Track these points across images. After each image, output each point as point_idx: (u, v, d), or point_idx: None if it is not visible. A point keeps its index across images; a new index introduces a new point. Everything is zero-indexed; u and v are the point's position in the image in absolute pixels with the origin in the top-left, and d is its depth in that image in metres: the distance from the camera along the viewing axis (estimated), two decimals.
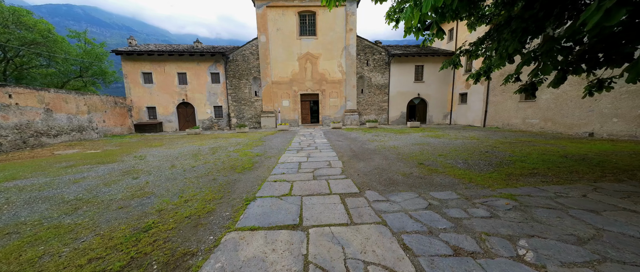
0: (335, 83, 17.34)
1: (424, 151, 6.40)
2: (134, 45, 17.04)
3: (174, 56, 16.10)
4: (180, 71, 16.43)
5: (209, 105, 17.05)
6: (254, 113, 17.50)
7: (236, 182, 4.03)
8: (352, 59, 16.90)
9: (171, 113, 16.73)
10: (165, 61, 16.14)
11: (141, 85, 16.18)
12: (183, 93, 16.64)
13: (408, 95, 17.76)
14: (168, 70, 16.29)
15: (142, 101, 16.31)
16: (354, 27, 16.65)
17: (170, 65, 16.24)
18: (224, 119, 17.41)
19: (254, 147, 8.05)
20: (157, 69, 16.20)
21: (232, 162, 5.71)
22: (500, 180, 3.73)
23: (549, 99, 10.06)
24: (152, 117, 16.69)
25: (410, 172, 4.34)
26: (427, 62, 17.39)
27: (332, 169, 4.81)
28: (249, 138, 10.83)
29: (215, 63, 16.62)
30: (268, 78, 16.84)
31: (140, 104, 16.31)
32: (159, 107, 16.55)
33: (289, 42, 16.72)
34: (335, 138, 10.00)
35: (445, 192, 3.28)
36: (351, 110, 17.43)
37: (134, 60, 15.88)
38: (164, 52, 15.73)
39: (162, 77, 16.29)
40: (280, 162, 5.59)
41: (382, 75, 17.53)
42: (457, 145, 7.30)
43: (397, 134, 11.01)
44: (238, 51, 16.82)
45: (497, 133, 10.38)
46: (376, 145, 7.76)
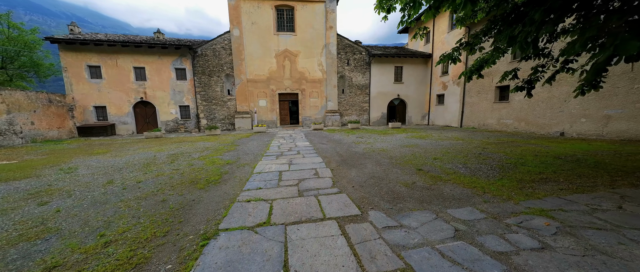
0: (316, 82, 16.58)
1: (416, 154, 5.90)
2: (78, 33, 14.39)
3: (129, 48, 13.90)
4: (138, 65, 14.25)
5: (173, 104, 15.07)
6: (227, 114, 15.94)
7: (194, 205, 2.99)
8: (333, 58, 16.31)
9: (126, 113, 14.41)
10: (118, 53, 13.85)
11: (86, 81, 13.66)
12: (141, 90, 14.45)
13: (388, 96, 17.72)
14: (122, 64, 14.01)
15: (88, 99, 13.77)
16: (334, 25, 16.09)
17: (124, 59, 13.98)
18: (191, 120, 15.55)
19: (225, 153, 6.88)
20: (108, 62, 13.83)
21: (195, 173, 4.57)
22: (515, 188, 3.25)
23: (522, 100, 10.49)
24: (102, 118, 14.20)
25: (412, 182, 3.70)
26: (406, 64, 17.53)
27: (320, 179, 3.98)
28: (220, 142, 9.51)
29: (181, 58, 14.75)
30: (242, 75, 15.46)
31: (86, 102, 13.76)
32: (110, 106, 14.14)
33: (266, 38, 15.54)
34: (318, 140, 9.20)
35: (464, 209, 2.65)
36: (332, 110, 16.82)
37: (77, 51, 13.33)
38: (116, 43, 13.47)
39: (114, 71, 13.95)
40: (256, 171, 4.60)
41: (362, 76, 17.23)
42: (446, 146, 6.99)
43: (382, 135, 10.60)
44: (207, 45, 15.16)
45: (476, 133, 10.52)
46: (364, 148, 7.13)
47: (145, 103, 14.75)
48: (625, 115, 7.18)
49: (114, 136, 13.50)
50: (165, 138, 11.75)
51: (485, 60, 5.13)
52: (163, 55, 14.46)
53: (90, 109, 13.87)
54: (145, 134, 12.04)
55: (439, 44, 16.28)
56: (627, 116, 7.13)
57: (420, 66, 17.81)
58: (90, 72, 13.78)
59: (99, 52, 13.62)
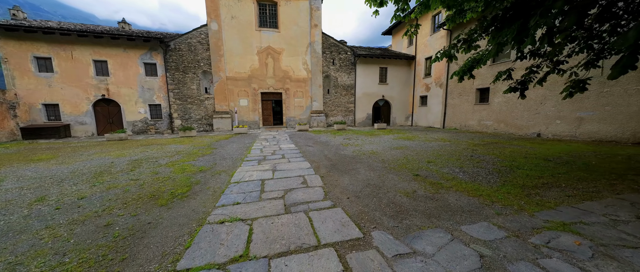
0: (301, 82, 16.01)
1: (408, 157, 5.62)
2: (22, 19, 12.40)
3: (88, 38, 12.25)
4: (98, 59, 12.62)
5: (142, 103, 13.59)
6: (204, 114, 14.76)
7: (149, 230, 2.32)
8: (318, 56, 15.86)
9: (84, 112, 12.69)
10: (74, 44, 12.14)
11: (33, 75, 11.78)
12: (103, 87, 12.82)
13: (373, 96, 17.68)
14: (79, 57, 12.30)
15: (35, 96, 11.88)
16: (319, 23, 15.66)
17: (81, 50, 12.29)
18: (163, 120, 14.16)
19: (199, 157, 6.08)
20: (61, 53, 12.06)
21: (158, 184, 3.81)
22: (522, 196, 3.00)
23: (500, 102, 10.86)
24: (54, 117, 12.35)
25: (413, 191, 3.32)
26: (390, 65, 17.62)
27: (310, 190, 3.46)
28: (195, 144, 8.58)
29: (151, 52, 13.35)
30: (221, 73, 14.41)
31: (33, 99, 11.86)
32: (64, 104, 12.35)
33: (247, 34, 14.66)
34: (303, 142, 8.66)
35: (479, 224, 2.30)
36: (318, 111, 16.35)
37: (21, 40, 11.44)
38: (71, 32, 11.77)
39: (68, 64, 12.20)
40: (234, 181, 3.96)
41: (348, 76, 16.99)
42: (435, 148, 6.83)
43: (369, 136, 10.34)
44: (182, 39, 13.90)
45: (459, 134, 10.68)
46: (353, 150, 6.73)
47: (108, 101, 13.11)
48: (596, 118, 7.59)
49: (68, 139, 11.78)
50: (131, 140, 10.43)
51: (476, 60, 4.98)
52: (129, 48, 12.97)
53: (39, 107, 11.99)
54: (106, 136, 10.59)
55: (422, 46, 16.56)
56: (598, 118, 7.54)
57: (404, 68, 18.01)
58: (38, 65, 11.91)
59: (50, 42, 11.82)
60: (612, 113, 7.25)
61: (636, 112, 6.74)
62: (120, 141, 10.21)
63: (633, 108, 6.80)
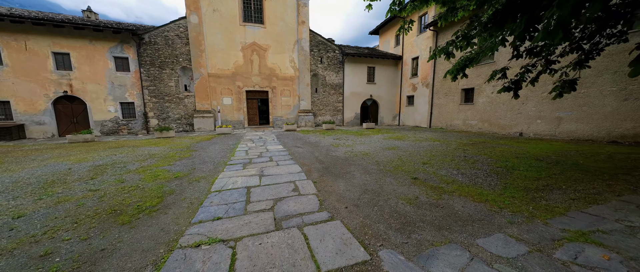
0: (288, 80, 15.49)
1: (402, 158, 5.42)
2: None
3: (46, 27, 10.87)
4: (59, 51, 11.26)
5: (112, 101, 12.37)
6: (184, 113, 13.78)
7: (101, 261, 1.82)
8: (306, 54, 15.44)
9: (42, 111, 11.27)
10: (28, 33, 10.71)
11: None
12: (65, 82, 11.47)
13: (361, 96, 17.60)
14: (34, 48, 10.88)
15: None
16: (307, 20, 15.24)
17: (38, 41, 10.88)
18: (137, 120, 13.00)
19: (176, 161, 5.45)
20: (11, 43, 10.58)
21: (122, 196, 3.23)
22: (527, 200, 2.85)
23: (485, 102, 11.15)
24: (4, 116, 10.83)
25: (415, 197, 3.07)
26: (378, 65, 17.63)
27: (302, 198, 3.08)
28: (172, 146, 7.83)
29: (122, 45, 12.16)
30: (203, 69, 13.51)
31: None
32: (16, 101, 10.86)
33: (230, 28, 13.87)
34: (292, 143, 8.23)
35: (494, 237, 2.07)
36: (306, 110, 15.94)
37: None
38: (25, 20, 10.36)
39: (21, 56, 10.74)
40: (215, 189, 3.48)
41: (336, 75, 16.74)
42: (427, 148, 6.73)
43: (358, 136, 10.13)
44: (158, 31, 12.83)
45: (446, 134, 10.81)
46: (344, 151, 6.43)
47: (71, 98, 11.76)
48: (574, 117, 7.94)
49: (22, 141, 10.37)
50: (98, 142, 9.37)
51: (469, 59, 4.87)
52: (97, 40, 11.71)
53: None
54: (69, 138, 9.42)
55: (409, 47, 16.73)
56: (576, 118, 7.90)
57: (391, 68, 18.12)
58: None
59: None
60: (588, 113, 7.60)
61: (610, 112, 7.11)
62: (85, 143, 9.13)
63: (607, 109, 7.16)
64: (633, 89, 6.64)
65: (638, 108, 6.55)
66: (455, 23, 12.16)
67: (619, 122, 6.94)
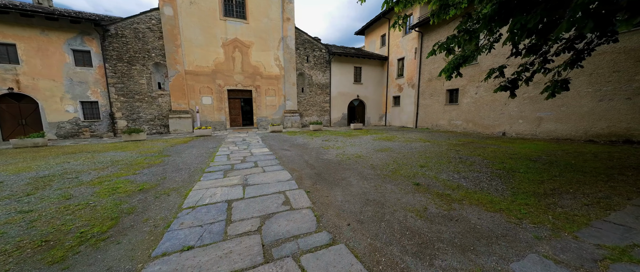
0: (273, 79, 14.82)
1: (397, 161, 5.13)
2: None
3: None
4: (2, 41, 9.66)
5: (70, 99, 10.90)
6: (158, 113, 12.58)
7: None
8: (291, 52, 14.88)
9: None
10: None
11: None
12: (10, 78, 9.87)
13: (348, 96, 17.39)
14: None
15: None
16: (292, 17, 14.69)
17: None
18: (102, 121, 11.61)
19: (143, 169, 4.69)
20: None
21: (63, 218, 2.53)
22: (542, 208, 2.63)
23: (469, 102, 11.40)
24: None
25: (423, 207, 2.72)
26: (365, 65, 17.54)
27: (296, 214, 2.60)
28: (142, 151, 6.92)
29: (82, 36, 10.77)
30: (179, 66, 12.43)
31: None
32: None
33: (210, 23, 12.93)
34: (278, 145, 7.67)
35: (528, 258, 1.76)
36: (292, 111, 15.36)
37: None
38: None
39: None
40: (188, 205, 2.88)
41: (323, 74, 16.36)
42: (419, 150, 6.54)
43: (348, 137, 9.81)
44: (126, 23, 11.56)
45: (433, 134, 10.86)
46: (336, 154, 6.03)
47: (18, 96, 10.16)
48: (553, 117, 8.26)
49: None
50: (51, 147, 8.09)
51: (464, 58, 4.71)
52: (50, 30, 10.24)
53: None
54: (13, 142, 8.02)
55: (394, 47, 16.82)
56: (555, 118, 8.22)
57: (377, 68, 18.13)
58: None
59: None
60: (566, 113, 7.93)
61: (587, 112, 7.44)
62: (34, 149, 7.83)
63: (584, 109, 7.49)
64: (607, 91, 6.99)
65: (611, 108, 6.90)
66: (443, 24, 12.35)
67: (594, 122, 7.28)
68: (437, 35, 12.91)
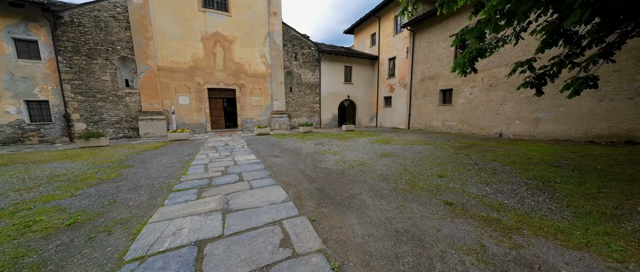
0: (258, 77, 13.72)
1: (407, 169, 4.43)
2: None
3: None
4: None
5: (11, 98, 9.08)
6: (126, 114, 11.00)
7: None
8: (279, 49, 13.88)
9: None
10: None
11: None
12: None
13: (339, 96, 16.71)
14: None
15: None
16: (279, 11, 13.72)
17: None
18: (55, 123, 9.85)
19: (88, 188, 3.54)
20: None
21: None
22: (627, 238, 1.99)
23: (464, 103, 11.15)
24: None
25: (477, 243, 1.98)
26: (355, 64, 16.97)
27: (302, 267, 1.73)
28: (98, 160, 5.62)
29: (26, 23, 9.04)
30: (150, 61, 10.96)
31: None
32: None
33: (186, 13, 11.60)
34: (267, 150, 6.70)
35: None
36: (279, 111, 14.34)
37: None
38: None
39: None
40: (135, 253, 1.90)
41: (312, 73, 15.52)
42: (425, 154, 5.92)
43: (342, 140, 9.05)
44: (85, 9, 9.93)
45: (430, 136, 10.44)
46: (335, 161, 5.22)
47: None
48: (551, 118, 8.10)
49: None
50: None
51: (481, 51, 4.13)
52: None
53: None
54: None
55: (385, 47, 16.43)
56: (553, 119, 8.05)
57: (368, 68, 17.65)
58: None
59: None
60: (565, 114, 7.77)
61: (587, 112, 7.30)
62: None
63: (584, 109, 7.35)
64: (607, 91, 6.85)
65: (613, 109, 6.77)
66: (436, 23, 12.04)
67: (595, 123, 7.14)
68: (429, 34, 12.61)
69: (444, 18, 11.57)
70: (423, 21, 12.68)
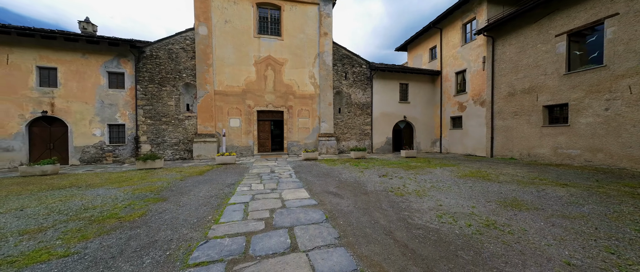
0: (306, 98, 13.05)
1: (611, 250, 2.19)
2: None
3: (34, 39, 9.42)
4: (45, 65, 9.66)
5: (99, 122, 10.32)
6: (183, 137, 11.45)
7: None
8: (328, 69, 13.15)
9: (13, 135, 9.29)
10: (13, 45, 9.27)
11: None
12: (47, 101, 9.65)
13: (393, 117, 14.66)
14: (17, 62, 9.34)
15: None
16: (330, 31, 13.25)
17: (22, 54, 9.38)
18: (127, 145, 10.75)
19: (99, 236, 2.58)
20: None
21: None
22: None
23: (593, 123, 7.74)
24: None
25: None
26: (411, 81, 14.94)
27: None
28: (139, 187, 5.09)
29: (118, 59, 10.50)
30: (208, 86, 11.45)
31: None
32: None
33: (243, 41, 12.06)
34: (320, 184, 5.22)
35: None
36: (327, 134, 13.14)
37: None
38: (9, 30, 8.97)
39: (0, 71, 9.17)
40: None
41: (363, 93, 14.14)
42: (589, 210, 3.43)
43: (411, 171, 6.94)
44: (161, 44, 11.19)
45: (541, 169, 7.32)
46: (430, 210, 3.31)
47: (51, 120, 9.83)
48: None
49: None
50: (57, 176, 6.90)
51: None
52: (90, 53, 10.12)
53: None
54: (21, 170, 7.08)
55: (450, 59, 14.05)
56: None
57: (427, 84, 15.35)
58: None
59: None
60: None
61: None
62: (40, 177, 6.68)
63: None
64: None
65: None
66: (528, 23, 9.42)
67: None
68: (519, 37, 9.93)
69: (544, 14, 8.89)
70: (508, 23, 10.16)
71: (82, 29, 11.01)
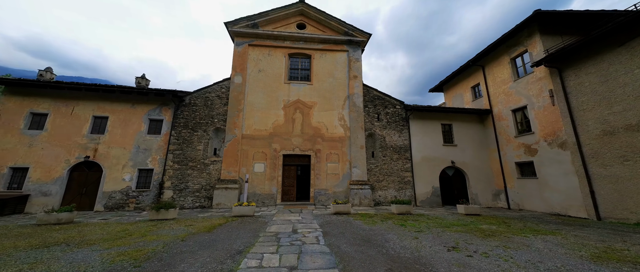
0: (336, 141, 11.99)
1: None
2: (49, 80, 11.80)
3: (97, 93, 10.73)
4: (100, 114, 10.67)
5: (131, 167, 10.43)
6: (206, 182, 10.86)
7: None
8: (359, 110, 12.33)
9: (54, 180, 9.69)
10: (79, 99, 10.59)
11: (19, 132, 9.84)
12: (92, 147, 10.26)
13: (438, 162, 12.42)
14: (79, 112, 10.49)
15: (7, 157, 9.52)
16: (359, 74, 12.97)
17: (84, 106, 10.59)
18: (151, 191, 10.43)
19: None
20: (62, 109, 10.40)
21: None
22: None
23: None
24: (16, 185, 9.47)
25: None
26: (455, 121, 13.11)
27: None
28: (134, 245, 4.01)
29: (161, 107, 11.25)
30: (237, 130, 11.31)
31: (3, 161, 9.45)
32: (35, 168, 9.64)
33: (274, 87, 12.30)
34: (361, 260, 3.49)
35: None
36: (360, 181, 11.37)
37: (25, 96, 10.23)
38: (81, 87, 10.40)
39: (64, 121, 10.29)
40: None
41: (399, 135, 12.63)
42: None
43: (491, 240, 4.71)
44: (199, 93, 11.91)
45: None
46: None
47: (90, 165, 10.23)
48: None
49: (13, 216, 8.31)
50: (69, 226, 6.38)
51: None
52: (138, 103, 11.06)
53: (5, 172, 9.38)
54: (38, 218, 6.78)
55: (501, 96, 12.22)
56: None
57: (475, 125, 13.28)
58: (31, 121, 10.15)
59: (55, 98, 10.42)
60: None
61: None
62: (53, 226, 6.19)
63: None
64: None
65: None
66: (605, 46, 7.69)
67: None
68: (598, 65, 8.05)
69: (634, 35, 7.14)
70: (580, 51, 8.48)
71: (137, 83, 12.48)
